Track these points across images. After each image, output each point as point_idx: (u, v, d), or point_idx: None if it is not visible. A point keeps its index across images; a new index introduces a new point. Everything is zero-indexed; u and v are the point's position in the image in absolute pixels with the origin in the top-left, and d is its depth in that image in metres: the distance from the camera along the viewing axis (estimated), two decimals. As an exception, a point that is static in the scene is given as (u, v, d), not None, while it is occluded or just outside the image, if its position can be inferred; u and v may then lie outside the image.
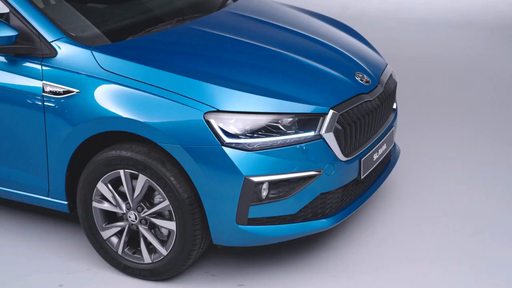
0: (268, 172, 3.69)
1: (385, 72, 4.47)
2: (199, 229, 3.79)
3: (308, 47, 4.39)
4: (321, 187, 3.84)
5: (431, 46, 8.44)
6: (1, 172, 4.20)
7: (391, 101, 4.45)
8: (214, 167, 3.65)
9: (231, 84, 3.77)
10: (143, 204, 3.89)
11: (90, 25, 4.21)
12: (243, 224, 3.73)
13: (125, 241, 4.00)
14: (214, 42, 4.23)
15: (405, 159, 5.34)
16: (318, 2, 9.47)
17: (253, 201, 3.69)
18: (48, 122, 3.94)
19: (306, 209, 3.85)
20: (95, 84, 3.84)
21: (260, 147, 3.68)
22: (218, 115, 3.66)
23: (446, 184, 5.01)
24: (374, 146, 4.18)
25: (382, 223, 4.54)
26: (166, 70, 3.79)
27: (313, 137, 3.79)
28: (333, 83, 4.05)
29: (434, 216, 4.60)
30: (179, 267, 3.91)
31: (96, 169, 3.90)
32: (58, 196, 4.10)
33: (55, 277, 4.06)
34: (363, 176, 4.08)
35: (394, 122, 4.53)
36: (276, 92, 3.81)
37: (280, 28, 4.58)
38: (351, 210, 4.08)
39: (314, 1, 9.33)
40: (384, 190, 4.92)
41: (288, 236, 3.85)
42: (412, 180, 5.06)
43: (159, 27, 4.31)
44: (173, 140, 3.66)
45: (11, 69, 4.00)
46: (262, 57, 4.13)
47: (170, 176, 3.73)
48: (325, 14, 5.32)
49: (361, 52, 4.57)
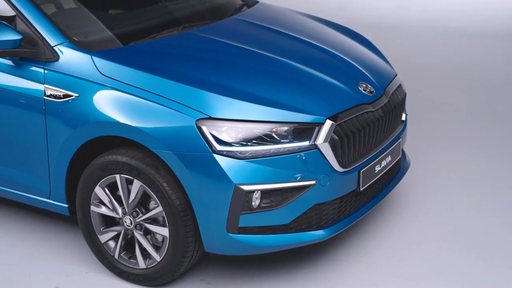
0: (260, 181, 3.66)
1: (392, 83, 4.39)
2: (192, 236, 3.77)
3: (313, 56, 4.35)
4: (315, 198, 3.79)
5: (432, 50, 8.27)
6: (5, 173, 4.27)
7: (398, 112, 4.37)
8: (205, 175, 3.64)
9: (226, 92, 3.76)
10: (138, 209, 3.90)
11: (95, 30, 4.25)
12: (233, 232, 3.70)
13: (121, 246, 4.01)
14: (216, 50, 4.23)
15: (417, 171, 5.23)
16: (314, 3, 9.35)
17: (243, 209, 3.66)
18: (49, 125, 3.99)
19: (299, 220, 3.80)
20: (93, 89, 3.87)
21: (252, 156, 3.65)
22: (210, 122, 3.65)
23: (457, 200, 4.88)
24: (377, 158, 4.10)
25: (386, 236, 4.45)
26: (162, 76, 3.80)
27: (308, 146, 3.74)
28: (333, 93, 4.00)
29: (441, 232, 4.48)
30: (172, 274, 3.90)
31: (94, 173, 3.93)
32: (59, 199, 4.14)
33: (52, 279, 4.10)
34: (362, 188, 4.01)
35: (402, 134, 4.44)
36: (272, 101, 3.78)
37: (287, 37, 4.54)
38: (349, 222, 4.02)
39: (311, 3, 9.23)
40: (392, 201, 4.83)
41: (280, 246, 3.81)
42: (423, 193, 4.96)
43: (164, 33, 4.32)
44: (165, 146, 3.66)
45: (16, 72, 4.06)
46: (263, 65, 4.11)
47: (163, 182, 3.73)
48: (322, 15, 5.25)
49: (369, 61, 4.50)
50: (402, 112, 4.49)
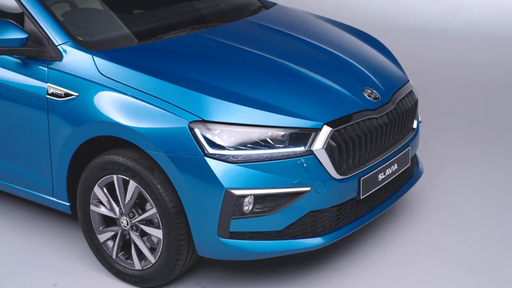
0: (252, 186, 3.61)
1: (402, 89, 4.28)
2: (184, 239, 3.74)
3: (320, 60, 4.28)
4: (310, 204, 3.71)
5: (435, 50, 8.08)
6: (11, 169, 4.32)
7: (407, 119, 4.26)
8: (196, 178, 3.61)
9: (221, 95, 3.72)
10: (135, 210, 3.89)
11: (102, 30, 4.27)
12: (224, 237, 3.66)
13: (119, 246, 4.01)
14: (220, 52, 4.19)
15: (433, 181, 5.09)
16: (311, 1, 9.22)
17: (234, 214, 3.61)
18: (51, 123, 4.02)
19: (294, 226, 3.73)
20: (92, 88, 3.88)
21: (244, 160, 3.60)
22: (203, 125, 3.61)
23: (473, 215, 4.71)
24: (380, 166, 4.00)
25: (392, 247, 4.33)
26: (159, 77, 3.78)
27: (303, 152, 3.67)
28: (334, 98, 3.92)
29: (451, 248, 4.32)
30: (166, 276, 3.88)
31: (92, 173, 3.94)
32: (62, 197, 4.17)
33: (51, 276, 4.12)
34: (363, 196, 3.92)
35: (412, 142, 4.32)
36: (269, 105, 3.73)
37: (297, 40, 4.48)
38: (348, 231, 3.93)
39: (308, 1, 9.10)
40: (402, 210, 4.71)
41: (273, 253, 3.74)
42: (436, 204, 4.81)
43: (171, 34, 4.31)
44: (158, 148, 3.65)
45: (22, 71, 4.10)
46: (266, 69, 4.05)
47: (157, 184, 3.71)
48: (319, 14, 5.14)
49: (380, 67, 4.40)
50: (413, 119, 4.37)
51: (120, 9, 4.72)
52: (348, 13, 9.24)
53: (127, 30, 4.33)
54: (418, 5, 9.77)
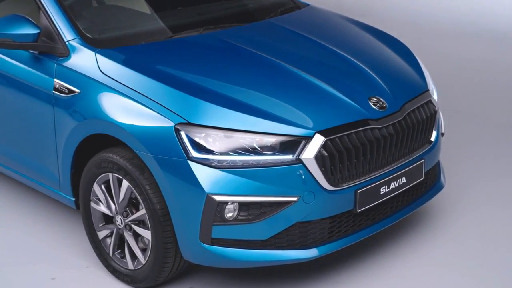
0: (235, 193, 3.52)
1: (418, 99, 4.06)
2: (171, 242, 3.70)
3: (331, 66, 4.12)
4: (297, 215, 3.59)
5: (439, 48, 7.71)
6: (23, 160, 4.40)
7: (422, 131, 4.03)
8: (180, 181, 3.55)
9: (212, 98, 3.64)
10: (129, 210, 3.87)
11: (115, 28, 4.28)
12: (206, 243, 3.59)
13: (115, 244, 4.01)
14: (225, 54, 4.11)
15: (454, 195, 4.81)
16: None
17: (216, 221, 3.54)
18: (56, 119, 4.07)
19: (280, 237, 3.61)
20: (93, 86, 3.89)
21: (229, 166, 3.52)
22: (188, 127, 3.55)
23: (493, 233, 4.43)
24: (384, 179, 3.81)
25: (400, 262, 4.13)
26: (154, 78, 3.75)
27: (292, 161, 3.55)
28: (333, 106, 3.76)
29: (465, 266, 4.08)
30: (154, 279, 3.84)
31: (91, 170, 3.96)
32: (67, 191, 4.21)
33: (51, 270, 4.17)
34: (360, 209, 3.75)
35: (427, 155, 4.10)
36: (259, 110, 3.62)
37: (313, 44, 4.32)
38: (341, 245, 3.77)
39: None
40: (416, 224, 4.48)
41: (257, 262, 3.64)
42: (454, 220, 4.55)
43: (183, 34, 4.26)
44: (145, 149, 3.62)
45: (33, 65, 4.17)
46: (268, 73, 3.93)
47: (146, 184, 3.68)
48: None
49: (396, 74, 4.20)
50: (430, 130, 4.14)
51: (144, 7, 4.71)
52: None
53: (139, 28, 4.32)
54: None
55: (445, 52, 7.99)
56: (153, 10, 4.63)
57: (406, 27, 8.74)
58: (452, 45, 8.28)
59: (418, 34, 8.54)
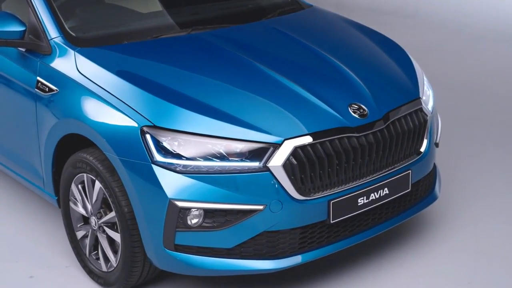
0: (198, 199, 3.42)
1: (405, 107, 3.88)
2: (138, 246, 3.63)
3: (315, 71, 3.96)
4: (264, 224, 3.47)
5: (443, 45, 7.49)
6: (11, 155, 4.40)
7: (409, 140, 3.85)
8: (144, 184, 3.49)
9: (180, 101, 3.55)
10: (102, 211, 3.83)
11: (101, 26, 4.24)
12: (170, 249, 3.51)
13: (90, 245, 3.97)
14: (205, 55, 4.00)
15: (450, 205, 4.60)
16: None
17: (179, 227, 3.45)
18: (38, 117, 4.05)
19: (247, 246, 3.51)
20: (69, 85, 3.86)
21: (194, 171, 3.43)
22: (153, 130, 3.47)
23: (495, 249, 4.22)
24: (362, 189, 3.66)
25: (384, 277, 3.96)
26: (125, 79, 3.69)
27: (258, 168, 3.44)
28: (307, 112, 3.62)
29: (456, 283, 3.90)
30: (124, 283, 3.78)
31: (68, 169, 3.92)
32: (51, 190, 4.19)
33: (31, 268, 4.15)
34: (334, 220, 3.60)
35: (415, 165, 3.91)
36: (228, 116, 3.51)
37: (302, 48, 4.18)
38: (313, 256, 3.63)
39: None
40: (414, 235, 4.29)
41: (222, 271, 3.54)
42: (453, 233, 4.36)
43: (170, 34, 4.19)
44: (112, 150, 3.56)
45: (20, 62, 4.16)
46: (245, 77, 3.81)
47: (115, 187, 3.62)
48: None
49: (384, 81, 4.03)
50: (419, 140, 3.95)
51: (142, 7, 4.65)
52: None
53: (127, 28, 4.26)
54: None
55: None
56: (149, 9, 4.57)
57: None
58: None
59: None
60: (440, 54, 7.88)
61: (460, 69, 7.39)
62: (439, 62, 7.55)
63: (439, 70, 7.24)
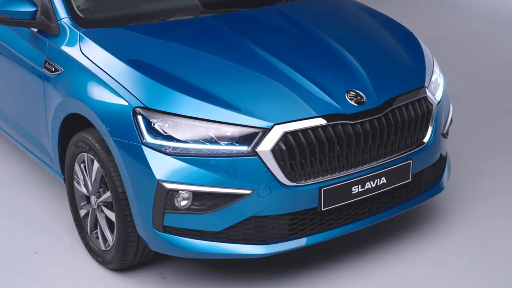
0: (187, 181, 3.44)
1: (407, 95, 3.80)
2: (131, 226, 3.67)
3: (316, 57, 3.91)
4: (251, 209, 3.46)
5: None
6: (26, 134, 4.49)
7: (410, 129, 3.78)
8: (134, 165, 3.52)
9: (173, 84, 3.57)
10: (102, 191, 3.88)
11: (112, 8, 4.27)
12: (159, 230, 3.53)
13: (91, 224, 4.03)
14: (207, 39, 3.99)
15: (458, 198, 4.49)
16: None
17: (167, 208, 3.47)
18: (46, 96, 4.13)
19: (235, 230, 3.50)
20: (73, 66, 3.92)
21: (182, 153, 3.44)
22: (145, 112, 3.50)
23: (501, 243, 4.10)
24: (356, 177, 3.61)
25: (387, 266, 3.90)
26: (124, 61, 3.73)
27: (247, 152, 3.42)
28: (301, 98, 3.58)
29: (453, 279, 3.81)
30: (120, 261, 3.83)
31: (71, 149, 3.99)
32: (58, 168, 4.27)
33: (36, 244, 4.24)
34: (325, 208, 3.57)
35: (417, 155, 3.83)
36: (220, 99, 3.51)
37: (307, 33, 4.13)
38: (303, 243, 3.60)
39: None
40: (416, 226, 4.21)
41: (210, 254, 3.55)
42: (459, 227, 4.26)
43: (176, 17, 4.20)
44: (106, 131, 3.60)
45: (32, 42, 4.24)
46: (244, 61, 3.78)
47: (111, 167, 3.67)
48: None
49: (388, 68, 3.95)
50: (423, 129, 3.86)
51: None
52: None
53: (136, 10, 4.28)
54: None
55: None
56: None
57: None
58: None
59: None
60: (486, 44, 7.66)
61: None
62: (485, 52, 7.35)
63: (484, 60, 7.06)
